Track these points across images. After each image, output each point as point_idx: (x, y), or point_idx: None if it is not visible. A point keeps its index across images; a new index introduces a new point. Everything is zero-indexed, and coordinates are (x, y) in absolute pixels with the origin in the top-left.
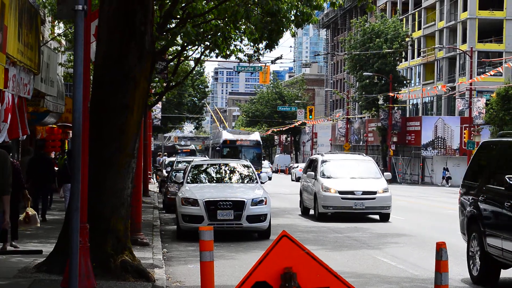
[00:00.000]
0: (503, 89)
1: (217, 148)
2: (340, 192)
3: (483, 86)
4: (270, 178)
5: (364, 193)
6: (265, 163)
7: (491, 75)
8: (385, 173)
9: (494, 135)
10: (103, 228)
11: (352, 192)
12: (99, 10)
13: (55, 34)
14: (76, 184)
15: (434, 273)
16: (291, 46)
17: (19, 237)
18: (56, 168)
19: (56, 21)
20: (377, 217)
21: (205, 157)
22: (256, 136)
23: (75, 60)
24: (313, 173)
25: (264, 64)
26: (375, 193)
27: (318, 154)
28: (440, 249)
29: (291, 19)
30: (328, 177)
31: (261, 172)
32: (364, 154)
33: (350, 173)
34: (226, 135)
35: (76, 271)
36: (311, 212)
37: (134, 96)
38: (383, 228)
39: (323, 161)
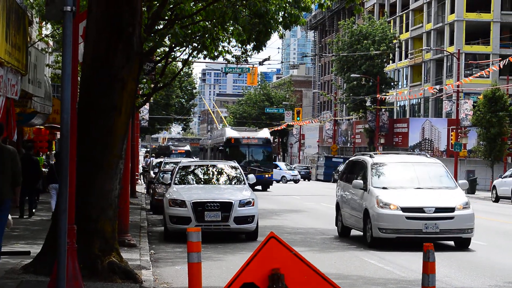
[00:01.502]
0: (490, 91)
1: (220, 148)
2: (404, 210)
3: (470, 88)
4: (297, 181)
5: (438, 210)
6: (282, 165)
7: (478, 77)
8: (460, 181)
9: (482, 136)
10: (90, 229)
11: (421, 209)
12: (87, 11)
13: (43, 35)
14: (64, 185)
15: (422, 274)
16: (278, 48)
17: (6, 238)
18: (44, 169)
19: (44, 22)
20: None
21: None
22: (265, 133)
23: (63, 61)
24: (361, 181)
25: (252, 66)
26: (453, 210)
27: (365, 154)
28: (428, 250)
29: (279, 20)
30: (384, 188)
31: (271, 176)
32: (428, 155)
33: (414, 181)
34: (230, 133)
35: (64, 272)
36: (354, 232)
37: (122, 97)
38: None
39: (374, 165)
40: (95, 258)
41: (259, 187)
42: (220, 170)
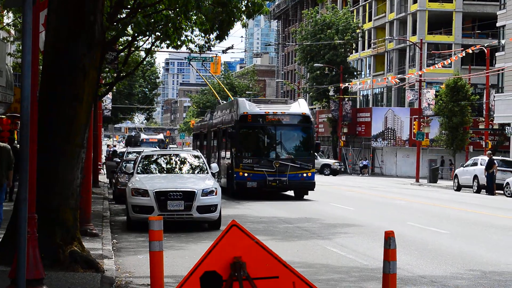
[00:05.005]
0: (452, 80)
1: (229, 131)
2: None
3: (433, 77)
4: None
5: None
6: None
7: (440, 66)
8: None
9: (444, 126)
10: (52, 218)
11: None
12: None
13: (4, 24)
14: (24, 174)
15: (383, 261)
16: (242, 36)
17: None
18: None
19: (5, 10)
20: (328, 208)
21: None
22: (302, 106)
23: (23, 49)
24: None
25: (215, 55)
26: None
27: None
28: (389, 238)
29: (242, 9)
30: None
31: (312, 175)
32: None
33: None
34: (246, 106)
35: (24, 261)
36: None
37: (84, 86)
38: (333, 218)
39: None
40: (57, 247)
41: (290, 193)
42: (183, 159)
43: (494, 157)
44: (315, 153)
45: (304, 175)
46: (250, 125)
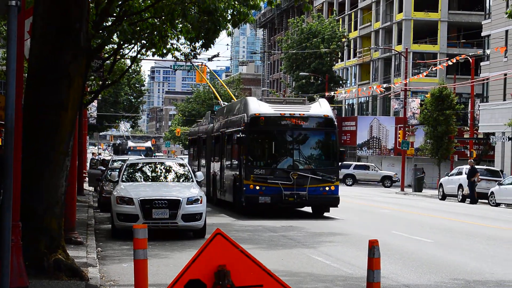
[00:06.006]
0: (437, 89)
1: (237, 136)
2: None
3: (418, 86)
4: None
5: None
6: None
7: (425, 76)
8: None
9: (429, 135)
10: (36, 226)
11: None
12: (34, 6)
13: None
14: (8, 181)
15: (367, 270)
16: (228, 44)
17: None
18: None
19: None
20: (312, 216)
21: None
22: (323, 106)
23: (8, 56)
24: None
25: (201, 63)
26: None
27: None
28: (373, 246)
29: (228, 18)
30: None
31: (335, 189)
32: None
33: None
34: (257, 107)
35: (8, 269)
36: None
37: (69, 94)
38: (318, 227)
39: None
40: (41, 255)
41: (307, 209)
42: (168, 167)
43: (478, 166)
44: (340, 163)
45: (327, 188)
46: (263, 129)
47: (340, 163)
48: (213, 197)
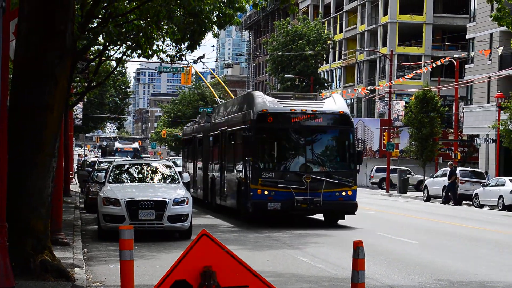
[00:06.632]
0: (421, 92)
1: (243, 134)
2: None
3: (403, 89)
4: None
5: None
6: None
7: (410, 78)
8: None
9: (414, 137)
10: (22, 227)
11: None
12: (19, 8)
13: None
14: None
15: (351, 271)
16: (213, 46)
17: None
18: None
19: None
20: (297, 217)
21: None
22: (338, 103)
23: None
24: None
25: (186, 65)
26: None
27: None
28: (357, 247)
29: (214, 20)
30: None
31: (352, 195)
32: None
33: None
34: (267, 102)
35: None
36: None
37: (54, 95)
38: (303, 228)
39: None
40: (28, 256)
41: (319, 216)
42: (154, 168)
43: (463, 168)
44: (358, 165)
45: (343, 193)
46: (271, 127)
47: (358, 165)
48: (211, 202)
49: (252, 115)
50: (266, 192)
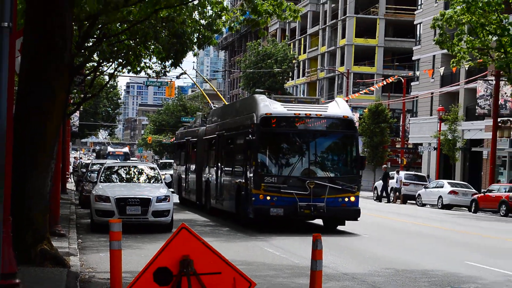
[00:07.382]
0: (374, 105)
1: (247, 138)
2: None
3: (358, 103)
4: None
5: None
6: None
7: (364, 93)
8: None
9: (366, 144)
10: (24, 220)
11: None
12: (24, 28)
13: None
14: (1, 181)
15: (311, 260)
16: (194, 62)
17: None
18: None
19: None
20: None
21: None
22: (342, 107)
23: (1, 72)
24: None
25: (170, 80)
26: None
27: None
28: (316, 240)
29: (194, 41)
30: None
31: (355, 201)
32: None
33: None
34: (270, 106)
35: None
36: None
37: (54, 105)
38: (268, 222)
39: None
40: (29, 246)
41: (318, 221)
42: (140, 170)
43: (407, 172)
44: (360, 170)
45: (346, 199)
46: (274, 131)
47: (361, 171)
48: (205, 205)
49: (256, 119)
50: (268, 198)
